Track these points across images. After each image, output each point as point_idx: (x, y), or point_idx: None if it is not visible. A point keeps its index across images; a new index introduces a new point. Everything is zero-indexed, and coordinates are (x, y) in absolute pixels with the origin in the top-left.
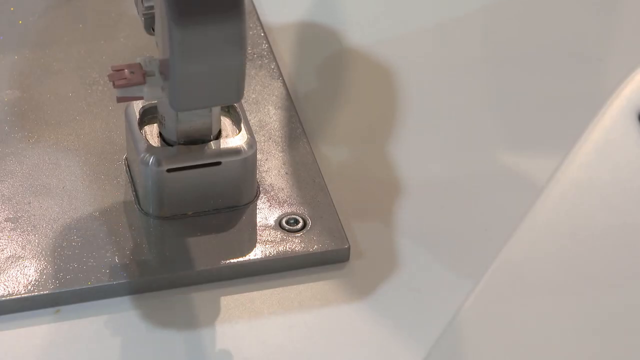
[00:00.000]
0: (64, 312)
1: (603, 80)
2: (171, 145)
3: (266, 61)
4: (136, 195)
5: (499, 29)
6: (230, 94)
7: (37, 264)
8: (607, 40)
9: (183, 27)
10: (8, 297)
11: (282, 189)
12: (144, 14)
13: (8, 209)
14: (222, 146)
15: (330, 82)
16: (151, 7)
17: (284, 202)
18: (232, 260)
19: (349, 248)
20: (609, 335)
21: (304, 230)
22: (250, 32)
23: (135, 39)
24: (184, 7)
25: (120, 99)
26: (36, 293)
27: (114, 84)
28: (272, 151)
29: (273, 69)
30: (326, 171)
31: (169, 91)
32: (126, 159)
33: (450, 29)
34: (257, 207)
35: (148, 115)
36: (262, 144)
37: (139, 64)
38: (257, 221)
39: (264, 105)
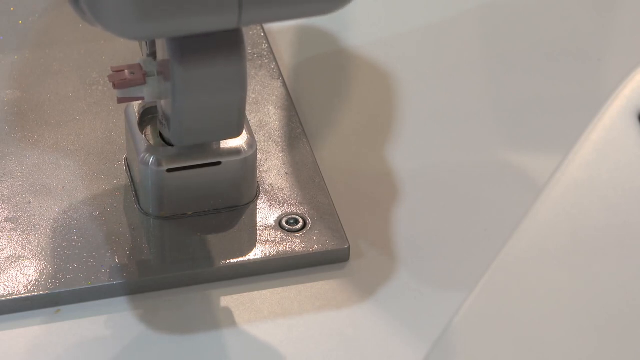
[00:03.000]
0: (64, 312)
1: (603, 80)
2: (171, 145)
3: (266, 61)
4: (136, 195)
5: (499, 29)
6: (230, 129)
7: (37, 264)
8: (607, 40)
9: (185, 66)
10: (8, 297)
11: (282, 189)
12: (148, 56)
13: (8, 209)
14: (222, 146)
15: (330, 82)
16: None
17: (284, 202)
18: (232, 260)
19: (349, 248)
20: (609, 336)
21: (304, 230)
22: (250, 32)
23: None
24: (186, 47)
25: (120, 100)
26: (36, 293)
27: (114, 85)
28: (272, 151)
29: (273, 69)
30: (326, 171)
31: (170, 125)
32: (126, 159)
33: (450, 29)
34: (257, 207)
35: (148, 115)
36: (262, 144)
37: (139, 64)
38: (257, 221)
39: (264, 105)
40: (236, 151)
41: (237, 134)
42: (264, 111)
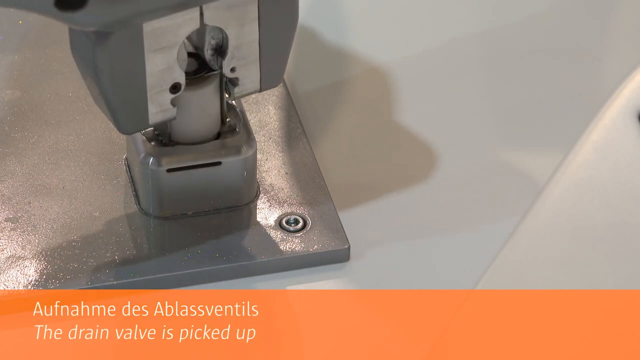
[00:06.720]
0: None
1: (603, 80)
2: (170, 145)
3: None
4: (136, 195)
5: (499, 29)
6: (115, 122)
7: (37, 264)
8: (607, 40)
9: (70, 29)
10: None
11: (282, 189)
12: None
13: (8, 209)
14: (222, 146)
15: (330, 82)
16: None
17: (284, 202)
18: (232, 260)
19: (349, 248)
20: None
21: (304, 230)
22: None
23: None
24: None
25: None
26: None
27: None
28: (272, 151)
29: None
30: (326, 171)
31: None
32: (126, 159)
33: (450, 29)
34: (257, 207)
35: None
36: (262, 144)
37: None
38: (257, 221)
39: (264, 105)
40: (236, 151)
41: (119, 130)
42: (264, 111)
